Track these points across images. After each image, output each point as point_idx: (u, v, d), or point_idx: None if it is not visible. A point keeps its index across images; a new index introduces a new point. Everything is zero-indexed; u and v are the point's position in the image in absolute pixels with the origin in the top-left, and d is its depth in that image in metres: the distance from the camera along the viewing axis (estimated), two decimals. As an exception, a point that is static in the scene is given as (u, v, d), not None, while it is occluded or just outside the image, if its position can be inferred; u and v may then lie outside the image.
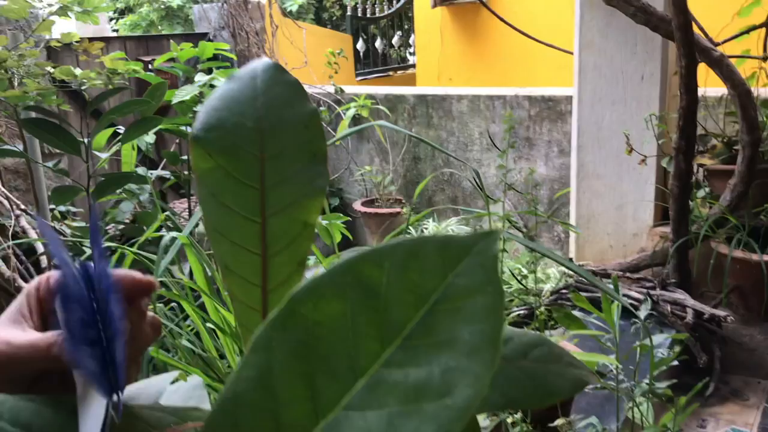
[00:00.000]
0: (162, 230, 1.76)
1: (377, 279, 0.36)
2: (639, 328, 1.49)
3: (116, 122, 2.39)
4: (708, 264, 2.36)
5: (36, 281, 0.44)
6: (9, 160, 2.92)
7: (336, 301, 0.36)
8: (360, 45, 6.57)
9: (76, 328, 0.37)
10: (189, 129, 2.44)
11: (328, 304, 0.36)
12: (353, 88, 4.54)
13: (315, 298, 0.36)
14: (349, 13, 6.82)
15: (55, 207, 2.35)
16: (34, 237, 2.07)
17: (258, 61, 0.48)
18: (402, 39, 7.18)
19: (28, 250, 2.13)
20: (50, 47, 2.53)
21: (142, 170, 2.46)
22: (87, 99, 2.25)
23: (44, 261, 2.05)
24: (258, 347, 0.36)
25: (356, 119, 4.01)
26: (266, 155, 0.46)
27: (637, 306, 1.56)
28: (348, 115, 3.96)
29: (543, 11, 4.90)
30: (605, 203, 2.77)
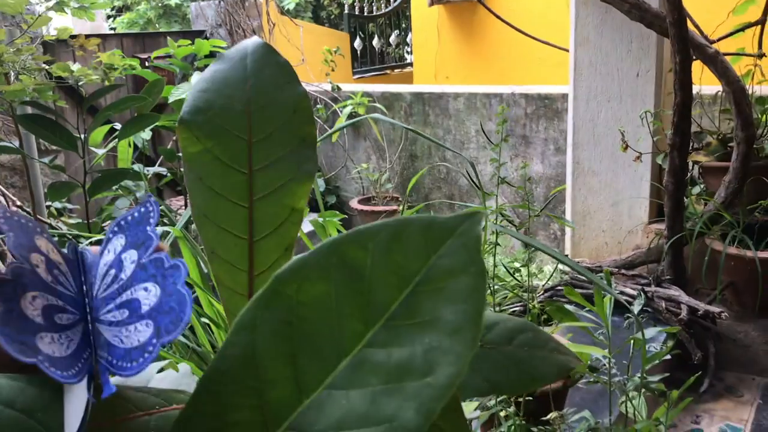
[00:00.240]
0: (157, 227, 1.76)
1: (361, 260, 0.36)
2: (632, 323, 1.50)
3: (113, 119, 2.39)
4: (702, 261, 2.37)
5: None
6: (5, 157, 2.92)
7: (320, 282, 0.36)
8: (357, 43, 6.57)
9: (40, 319, 0.36)
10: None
11: (313, 285, 0.36)
12: (350, 86, 4.54)
13: (299, 279, 0.36)
14: (347, 12, 6.81)
15: (51, 203, 2.35)
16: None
17: (248, 41, 0.47)
18: (399, 37, 7.18)
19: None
20: (46, 43, 2.53)
21: (139, 167, 2.46)
22: (83, 95, 2.25)
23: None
24: (242, 327, 0.36)
25: (353, 117, 4.01)
26: (254, 139, 0.46)
27: (632, 302, 1.57)
28: (345, 113, 3.96)
29: (539, 9, 4.90)
30: (601, 200, 2.77)
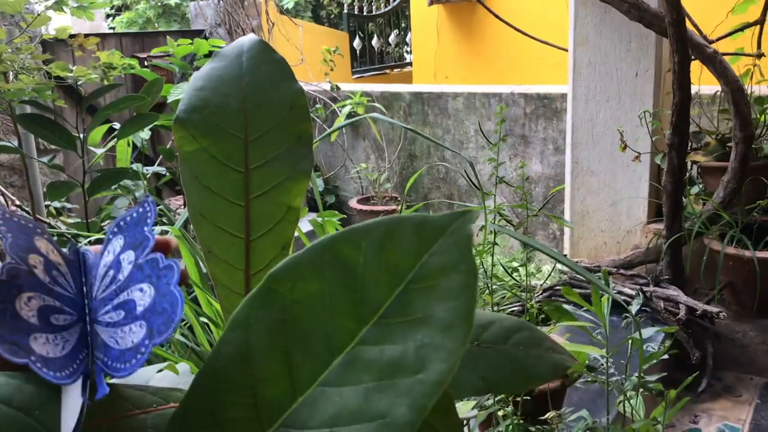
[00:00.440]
0: (157, 226, 1.77)
1: (354, 258, 0.36)
2: (631, 323, 1.50)
3: (111, 118, 2.39)
4: (701, 260, 2.37)
5: None
6: (4, 156, 2.92)
7: (314, 280, 0.36)
8: (356, 43, 6.57)
9: (34, 320, 0.36)
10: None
11: (306, 283, 0.36)
12: (349, 86, 4.54)
13: (293, 277, 0.36)
14: (346, 11, 6.81)
15: (50, 203, 2.35)
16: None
17: (245, 38, 0.46)
18: (399, 37, 7.18)
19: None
20: (45, 42, 2.53)
21: (138, 166, 2.46)
22: (82, 95, 2.25)
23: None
24: (237, 324, 0.36)
25: (352, 117, 4.01)
26: (250, 137, 0.46)
27: (630, 302, 1.57)
28: (344, 113, 3.96)
29: (539, 8, 4.90)
30: (599, 200, 2.77)
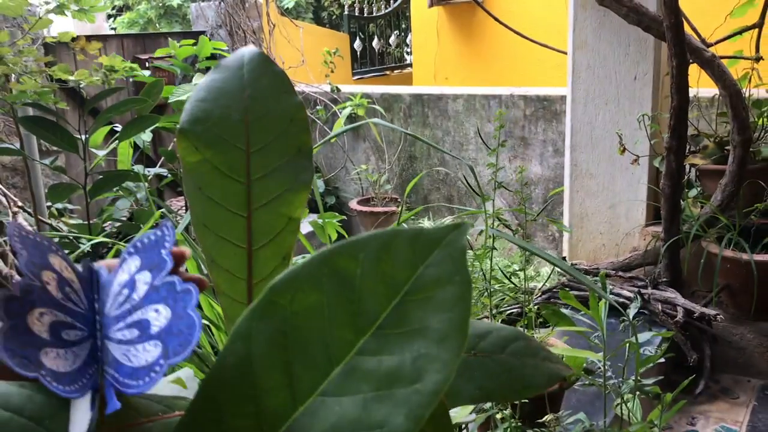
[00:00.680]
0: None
1: (352, 270, 0.37)
2: (628, 326, 1.51)
3: (113, 120, 2.40)
4: (699, 263, 2.38)
5: None
6: (6, 158, 2.94)
7: (313, 292, 0.37)
8: (357, 44, 6.58)
9: (46, 334, 0.37)
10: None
11: (306, 295, 0.37)
12: (350, 88, 4.55)
13: (293, 290, 0.37)
14: (347, 12, 6.82)
15: (52, 204, 2.36)
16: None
17: (244, 50, 0.47)
18: (399, 38, 7.19)
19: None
20: (47, 44, 2.54)
21: (139, 168, 2.47)
22: (84, 97, 2.26)
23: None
24: (238, 336, 0.37)
25: (352, 118, 4.02)
26: (252, 149, 0.47)
27: (628, 304, 1.58)
28: (344, 114, 3.97)
29: (538, 11, 4.91)
30: (598, 202, 2.78)
